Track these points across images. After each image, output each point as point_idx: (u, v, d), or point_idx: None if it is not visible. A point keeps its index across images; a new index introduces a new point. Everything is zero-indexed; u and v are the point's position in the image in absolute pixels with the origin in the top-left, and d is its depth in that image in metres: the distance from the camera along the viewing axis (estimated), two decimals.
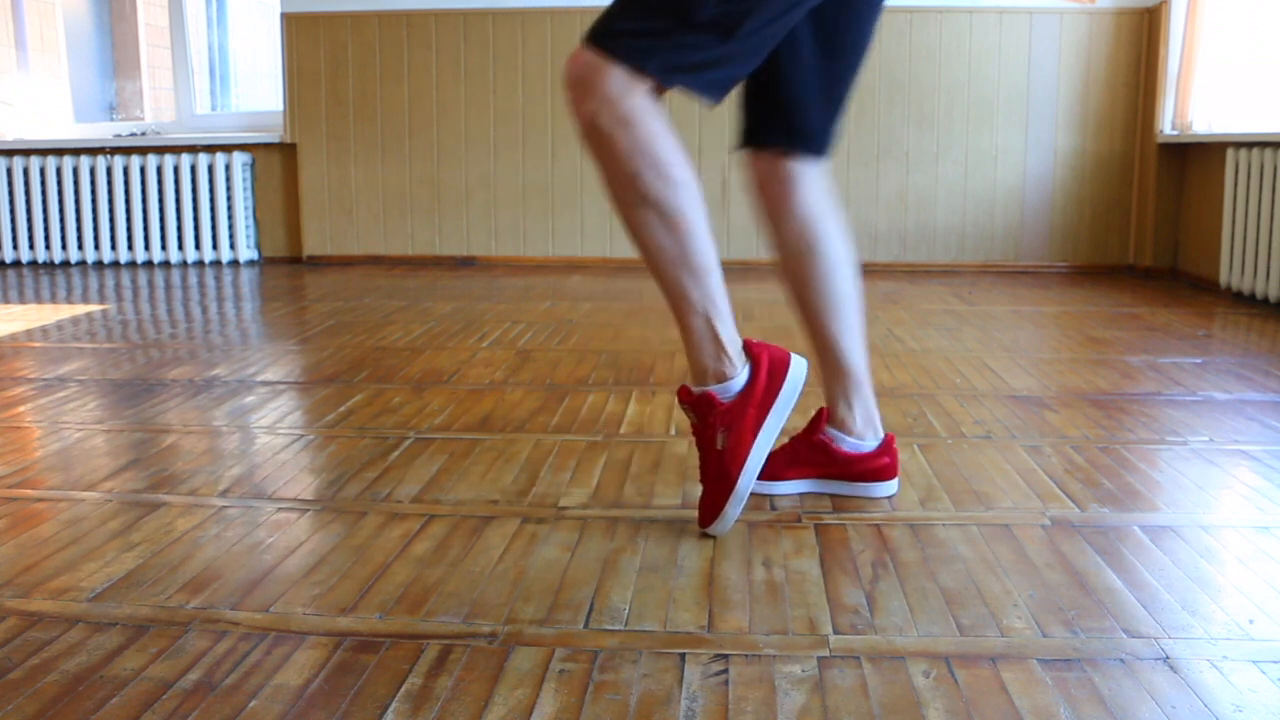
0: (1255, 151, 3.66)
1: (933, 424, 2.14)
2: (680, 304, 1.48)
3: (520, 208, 4.88)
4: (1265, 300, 3.66)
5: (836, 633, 1.24)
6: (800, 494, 1.70)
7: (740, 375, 1.50)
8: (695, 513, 1.63)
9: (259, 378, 2.60)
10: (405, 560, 1.45)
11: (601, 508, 1.66)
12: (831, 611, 1.29)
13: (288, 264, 5.03)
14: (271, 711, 1.06)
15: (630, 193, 1.42)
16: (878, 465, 1.68)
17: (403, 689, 1.11)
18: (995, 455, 1.92)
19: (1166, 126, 4.36)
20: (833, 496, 1.69)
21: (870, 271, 4.63)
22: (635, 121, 1.38)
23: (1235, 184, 3.80)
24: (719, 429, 1.49)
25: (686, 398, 1.51)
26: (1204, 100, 4.19)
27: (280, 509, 1.66)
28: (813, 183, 1.62)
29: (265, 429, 2.14)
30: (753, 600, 1.32)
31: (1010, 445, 1.99)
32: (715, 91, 1.43)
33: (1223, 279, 3.89)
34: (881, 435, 1.70)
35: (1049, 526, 1.57)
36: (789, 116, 1.59)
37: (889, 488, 1.69)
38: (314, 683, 1.12)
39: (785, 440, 1.75)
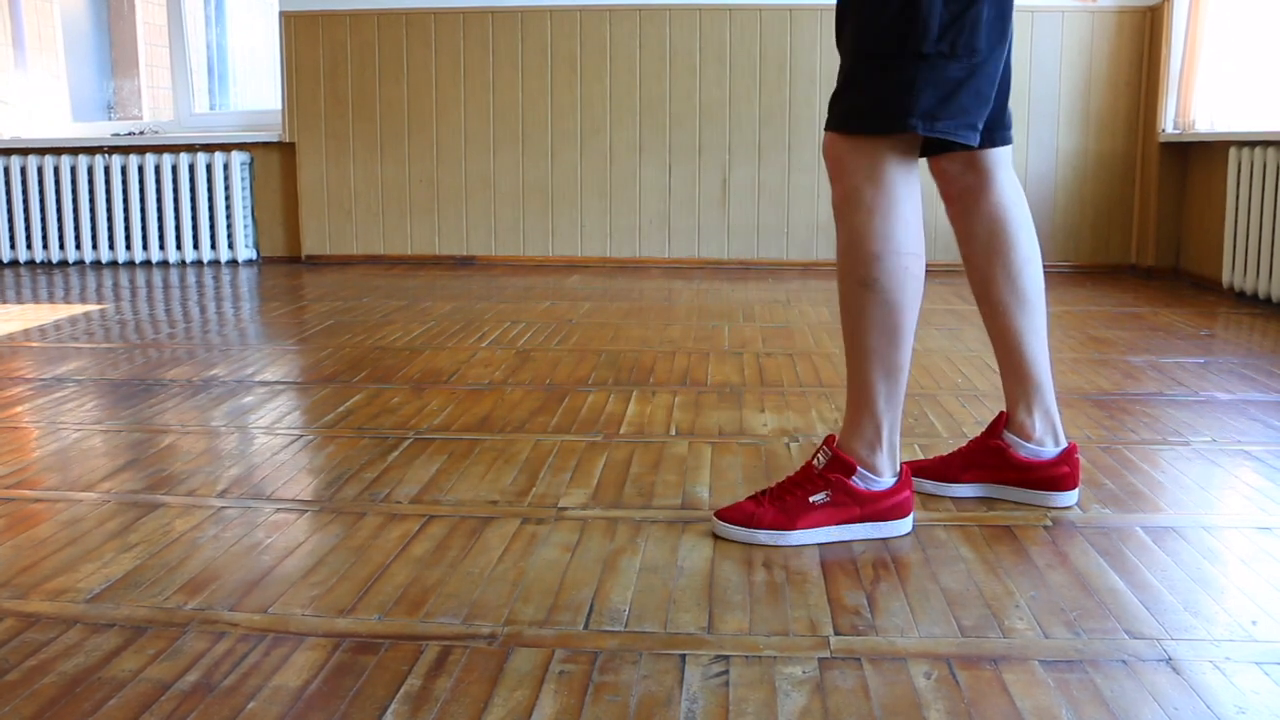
0: (1258, 150, 3.66)
1: (934, 424, 2.13)
2: (862, 394, 1.49)
3: (520, 207, 4.88)
4: (1268, 300, 3.66)
5: (837, 634, 1.23)
6: (974, 497, 1.67)
7: (885, 482, 1.51)
8: (695, 513, 1.62)
9: (257, 378, 2.59)
10: (404, 561, 1.44)
11: (601, 508, 1.65)
12: (832, 612, 1.29)
13: (286, 264, 5.03)
14: (270, 713, 1.06)
15: (863, 271, 1.43)
16: (1057, 474, 1.63)
17: (402, 690, 1.10)
18: None
19: (1169, 125, 4.35)
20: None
21: None
22: (893, 205, 1.40)
23: (1238, 183, 3.79)
24: (827, 490, 1.49)
25: (833, 446, 1.51)
26: (1206, 99, 4.18)
27: (279, 509, 1.66)
28: (1006, 176, 1.60)
29: (264, 429, 2.13)
30: (753, 601, 1.32)
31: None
32: (973, 133, 1.42)
33: (1225, 278, 3.88)
34: (1064, 443, 1.65)
35: (1051, 527, 1.57)
36: (999, 111, 1.56)
37: (1067, 498, 1.64)
38: (313, 684, 1.11)
39: (963, 443, 1.75)
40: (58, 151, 5.04)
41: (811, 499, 1.49)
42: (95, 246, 5.04)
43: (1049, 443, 1.64)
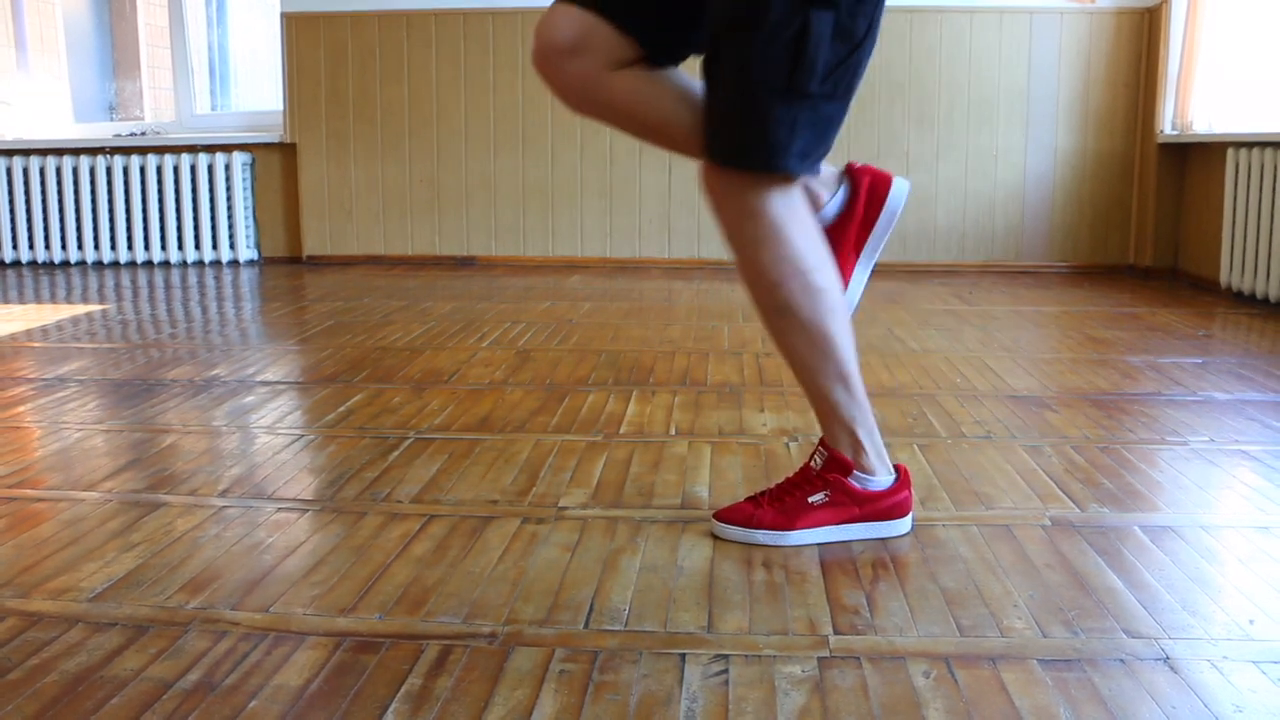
0: (1255, 151, 3.66)
1: (933, 424, 2.14)
2: (824, 406, 1.49)
3: (520, 208, 4.88)
4: (1265, 300, 3.66)
5: (836, 633, 1.24)
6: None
7: (882, 481, 1.50)
8: (695, 512, 1.63)
9: (259, 378, 2.60)
10: (405, 560, 1.45)
11: (601, 508, 1.66)
12: (831, 612, 1.29)
13: (287, 264, 5.03)
14: (271, 712, 1.06)
15: (771, 300, 1.43)
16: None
17: (403, 689, 1.11)
18: (995, 455, 1.92)
19: (1167, 126, 4.35)
20: None
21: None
22: (781, 231, 1.39)
23: (1235, 184, 3.80)
24: (825, 491, 1.49)
25: (827, 447, 1.50)
26: (1204, 100, 4.19)
27: (280, 509, 1.66)
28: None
29: (265, 429, 2.13)
30: (753, 600, 1.32)
31: (1010, 445, 1.99)
32: (819, 165, 1.43)
33: (1223, 279, 3.89)
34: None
35: (1049, 527, 1.57)
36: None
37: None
38: (314, 683, 1.12)
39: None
40: (59, 152, 5.04)
41: (810, 499, 1.49)
42: (97, 247, 5.05)
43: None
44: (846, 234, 1.49)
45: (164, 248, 5.04)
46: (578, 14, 1.39)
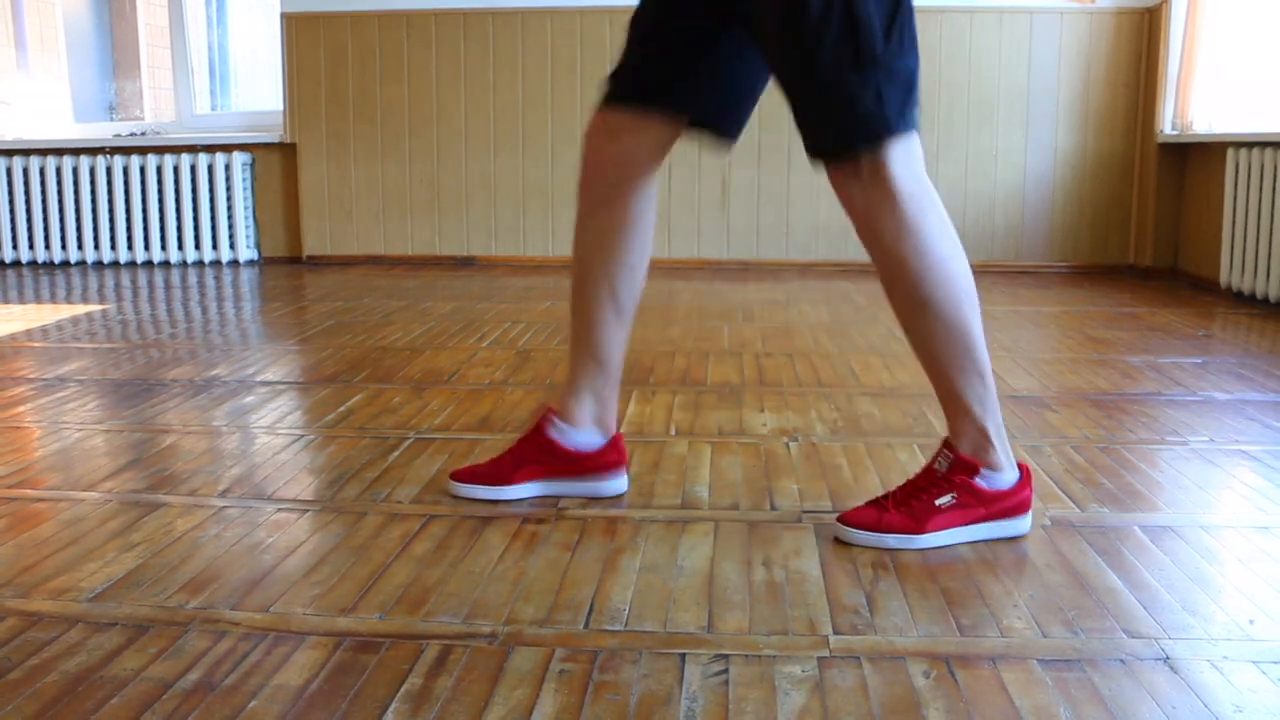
0: (1255, 151, 3.66)
1: (933, 424, 2.14)
2: (958, 405, 1.49)
3: (520, 208, 4.88)
4: (1265, 300, 3.66)
5: (836, 633, 1.24)
6: (531, 497, 1.67)
7: (1009, 475, 1.50)
8: (695, 512, 1.63)
9: (259, 378, 2.60)
10: (405, 560, 1.45)
11: (601, 508, 1.65)
12: (831, 612, 1.29)
13: (287, 264, 5.03)
14: (271, 712, 1.06)
15: (912, 297, 1.44)
16: (605, 462, 1.67)
17: (403, 689, 1.11)
18: None
19: (1167, 126, 4.35)
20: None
21: (870, 271, 4.62)
22: (917, 220, 1.41)
23: (1235, 184, 3.80)
24: (953, 493, 1.48)
25: (953, 449, 1.50)
26: (1204, 100, 4.19)
27: (280, 509, 1.66)
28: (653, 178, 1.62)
29: (265, 429, 2.13)
30: (753, 600, 1.32)
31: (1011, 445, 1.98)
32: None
33: (1223, 279, 3.89)
34: (613, 431, 1.69)
35: (1049, 527, 1.57)
36: (707, 84, 1.55)
37: (619, 484, 1.68)
38: (314, 683, 1.12)
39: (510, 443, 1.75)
40: (59, 152, 5.04)
41: (937, 502, 1.48)
42: (97, 247, 5.05)
43: (598, 434, 1.67)
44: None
45: (164, 248, 5.04)
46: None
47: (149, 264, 5.05)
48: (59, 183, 5.01)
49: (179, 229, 5.02)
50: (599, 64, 4.73)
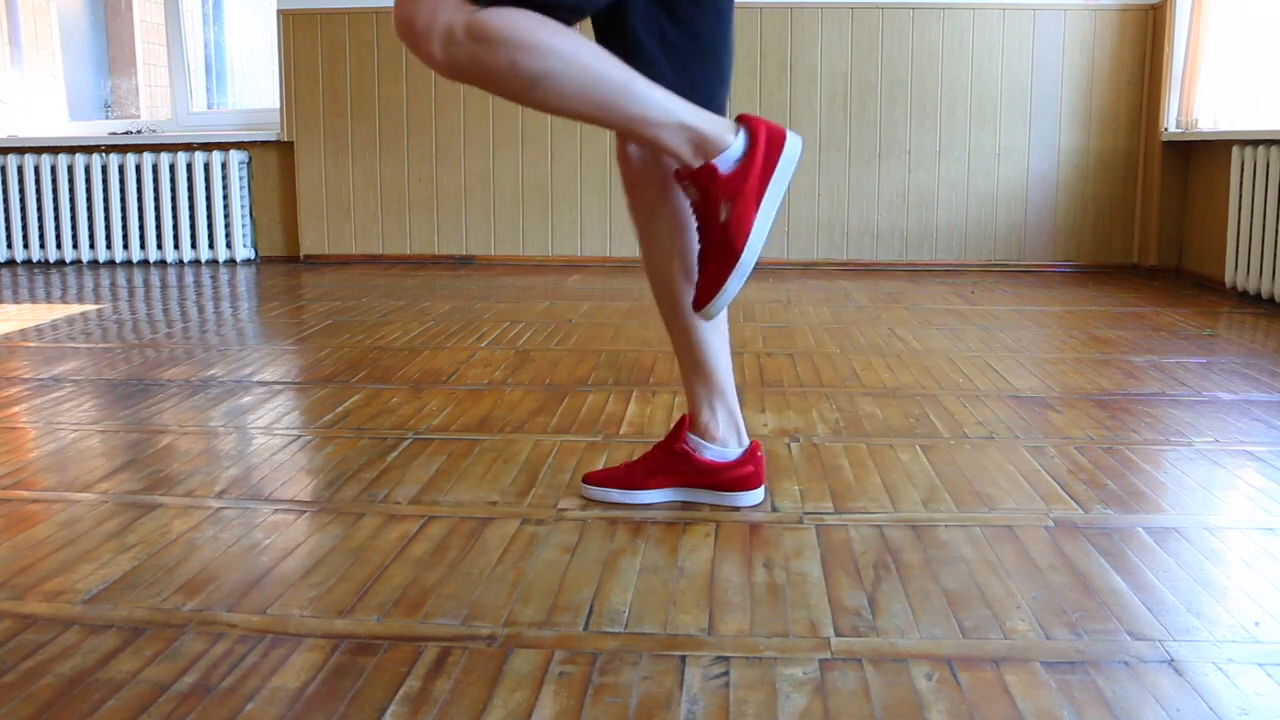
0: (1261, 149, 3.65)
1: (935, 424, 2.13)
2: (645, 129, 1.39)
3: (519, 207, 4.87)
4: (1271, 299, 3.65)
5: (838, 635, 1.22)
6: (665, 502, 1.66)
7: (738, 142, 1.42)
8: (695, 514, 1.62)
9: (256, 378, 2.58)
10: (403, 562, 1.44)
11: (601, 509, 1.64)
12: (833, 613, 1.28)
13: (284, 263, 5.02)
14: (268, 714, 1.05)
15: (519, 82, 1.34)
16: (741, 474, 1.64)
17: (401, 691, 1.10)
18: (998, 456, 1.91)
19: (1171, 124, 4.35)
20: (828, 498, 1.68)
21: (872, 271, 4.63)
22: (484, 34, 1.31)
23: (1241, 182, 3.79)
24: (722, 200, 1.41)
25: (686, 174, 1.43)
26: (1209, 98, 4.18)
27: (277, 510, 1.65)
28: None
29: (262, 429, 2.12)
30: (754, 602, 1.31)
31: (1013, 446, 1.98)
32: (565, 12, 1.35)
33: (1228, 278, 3.88)
34: (746, 443, 1.66)
35: (1052, 528, 1.56)
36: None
37: (752, 497, 1.65)
38: (311, 685, 1.11)
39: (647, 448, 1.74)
40: (55, 150, 5.03)
41: (722, 218, 1.41)
42: (92, 246, 5.03)
43: (732, 443, 1.65)
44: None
45: (160, 247, 5.03)
46: None
47: (145, 263, 5.04)
48: (54, 181, 4.99)
49: (175, 228, 5.01)
50: None
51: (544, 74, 1.34)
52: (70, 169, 4.97)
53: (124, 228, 5.02)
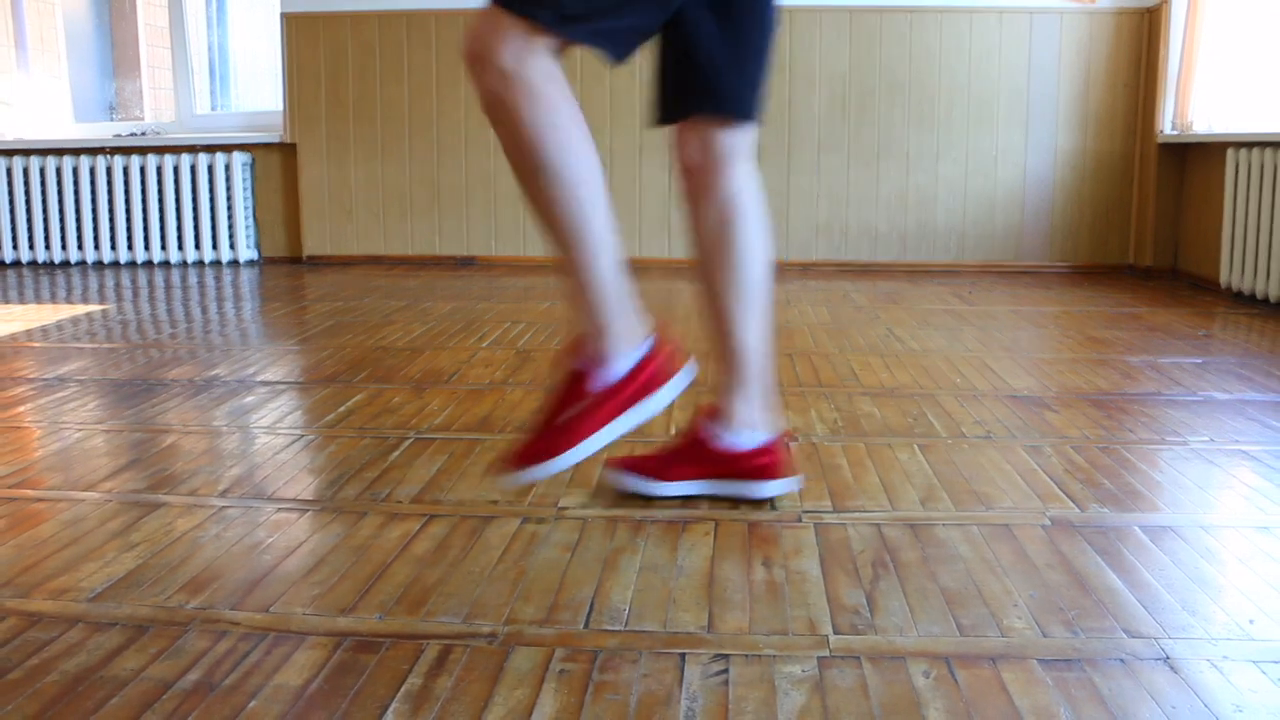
0: (1255, 151, 3.66)
1: (933, 424, 2.14)
2: (585, 287, 1.46)
3: (520, 207, 4.88)
4: (1266, 300, 3.66)
5: (836, 633, 1.23)
6: (687, 496, 1.68)
7: (627, 360, 1.48)
8: (695, 512, 1.63)
9: (259, 378, 2.60)
10: (405, 560, 1.45)
11: (601, 508, 1.65)
12: (831, 611, 1.29)
13: (287, 264, 5.03)
14: (271, 712, 1.06)
15: (530, 160, 1.40)
16: (759, 464, 1.64)
17: (403, 689, 1.11)
18: (995, 455, 1.92)
19: (1167, 126, 4.35)
20: (824, 495, 1.69)
21: (870, 271, 4.63)
22: (536, 90, 1.36)
23: (1235, 184, 3.80)
24: (575, 403, 1.48)
25: (577, 343, 1.49)
26: (1204, 100, 4.19)
27: (280, 509, 1.66)
28: (741, 165, 1.60)
29: (265, 429, 2.13)
30: (753, 600, 1.32)
31: (1010, 445, 1.99)
32: (614, 44, 1.41)
33: (1223, 279, 3.89)
34: (770, 433, 1.66)
35: (1049, 526, 1.57)
36: (703, 79, 1.54)
37: (770, 488, 1.65)
38: (314, 683, 1.12)
39: (673, 438, 1.75)
40: (59, 152, 5.04)
41: (564, 416, 1.48)
42: (97, 247, 5.05)
43: (757, 431, 1.65)
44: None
45: (164, 248, 5.04)
46: None
47: (149, 264, 5.05)
48: (59, 183, 5.01)
49: (179, 229, 5.02)
50: (599, 64, 4.74)
51: (558, 170, 1.40)
52: (75, 171, 4.99)
53: (128, 229, 5.03)
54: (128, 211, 5.01)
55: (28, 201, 5.02)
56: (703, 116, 1.57)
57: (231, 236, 5.03)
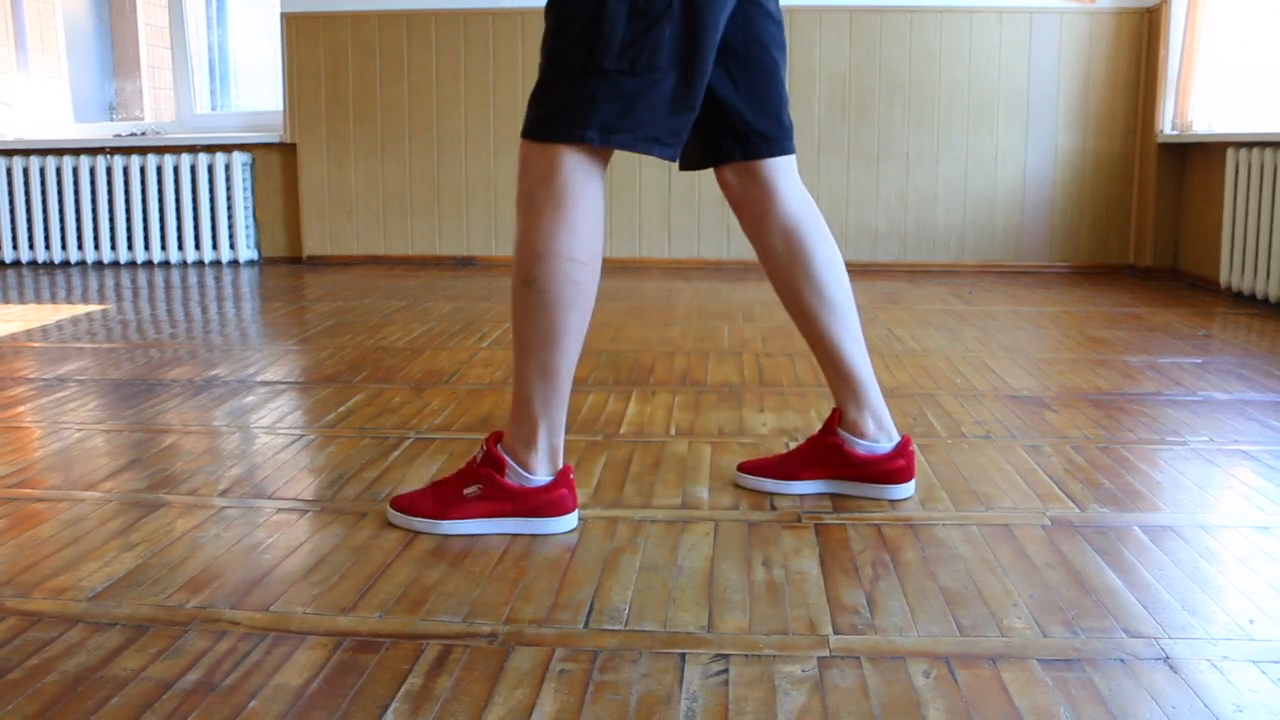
0: (1255, 151, 3.66)
1: (933, 424, 2.14)
2: (520, 392, 1.53)
3: None
4: (1265, 300, 3.66)
5: (836, 633, 1.24)
6: (817, 494, 1.70)
7: (538, 480, 1.54)
8: (695, 512, 1.63)
9: (259, 378, 2.60)
10: (405, 560, 1.45)
11: (601, 508, 1.66)
12: (831, 611, 1.29)
13: (287, 264, 5.03)
14: (271, 711, 1.06)
15: (524, 268, 1.47)
16: (893, 467, 1.68)
17: (403, 689, 1.11)
18: (995, 455, 1.92)
19: (1166, 126, 4.36)
20: (833, 496, 1.69)
21: (870, 271, 4.63)
22: (565, 204, 1.45)
23: (1235, 184, 3.80)
24: (480, 484, 1.54)
25: (491, 443, 1.55)
26: (1204, 100, 4.19)
27: (280, 509, 1.66)
28: (789, 188, 1.64)
29: (265, 429, 2.14)
30: (753, 600, 1.32)
31: (1010, 445, 1.99)
32: (661, 147, 1.46)
33: (1223, 279, 3.89)
34: (896, 437, 1.70)
35: (1049, 526, 1.57)
36: (731, 128, 1.59)
37: (905, 490, 1.69)
38: (314, 683, 1.12)
39: (800, 440, 1.77)
40: (59, 152, 5.04)
41: (465, 491, 1.54)
42: (97, 247, 5.05)
43: (882, 439, 1.68)
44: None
45: (164, 248, 5.04)
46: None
47: (149, 264, 5.05)
48: (59, 183, 5.01)
49: (179, 229, 5.02)
50: None
51: (545, 288, 1.46)
52: (75, 171, 4.99)
53: (128, 229, 5.03)
54: (128, 211, 5.02)
55: (28, 201, 5.03)
56: (743, 157, 1.62)
57: (231, 236, 5.03)
